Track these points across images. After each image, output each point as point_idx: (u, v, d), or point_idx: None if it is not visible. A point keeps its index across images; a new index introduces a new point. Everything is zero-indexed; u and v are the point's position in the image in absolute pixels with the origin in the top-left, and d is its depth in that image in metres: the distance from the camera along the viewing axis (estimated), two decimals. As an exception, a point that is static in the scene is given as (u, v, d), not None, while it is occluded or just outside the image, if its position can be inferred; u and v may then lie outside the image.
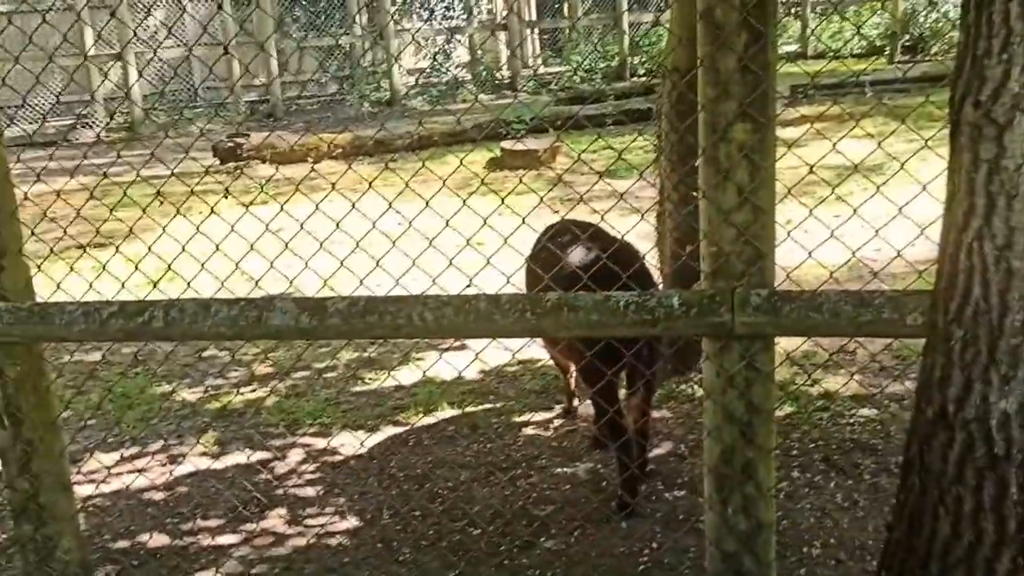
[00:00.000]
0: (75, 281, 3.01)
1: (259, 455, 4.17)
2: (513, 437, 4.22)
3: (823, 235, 2.53)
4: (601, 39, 17.85)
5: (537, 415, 4.42)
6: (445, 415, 4.47)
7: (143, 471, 3.93)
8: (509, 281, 2.58)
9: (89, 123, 14.60)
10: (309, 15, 17.44)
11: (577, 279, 2.62)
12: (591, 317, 2.30)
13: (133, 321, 2.53)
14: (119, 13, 14.17)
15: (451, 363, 4.48)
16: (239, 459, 4.13)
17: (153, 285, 2.84)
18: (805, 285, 2.67)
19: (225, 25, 15.55)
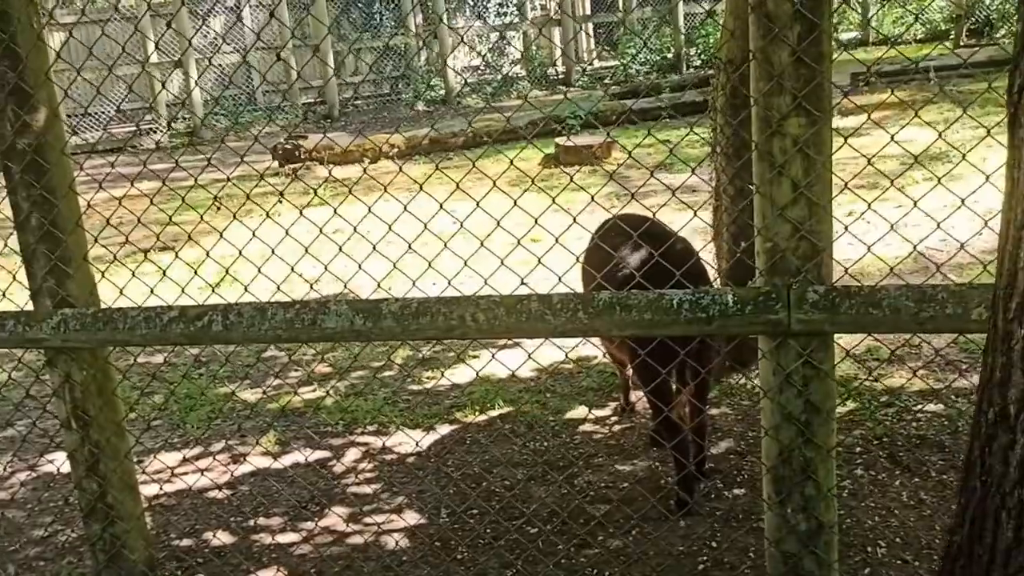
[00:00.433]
0: (137, 286, 3.08)
1: (319, 454, 4.23)
2: (570, 435, 4.21)
3: (885, 228, 2.47)
4: (655, 31, 17.70)
5: (593, 412, 4.40)
6: (501, 413, 4.48)
7: (206, 471, 4.01)
8: (561, 280, 2.57)
9: (152, 129, 14.93)
10: (364, 16, 17.61)
11: (630, 277, 2.60)
12: (644, 316, 2.28)
13: (193, 325, 2.58)
14: (178, 21, 14.46)
15: (505, 362, 4.48)
16: (299, 458, 4.19)
17: (212, 289, 2.88)
18: (867, 279, 2.61)
19: (282, 30, 15.78)
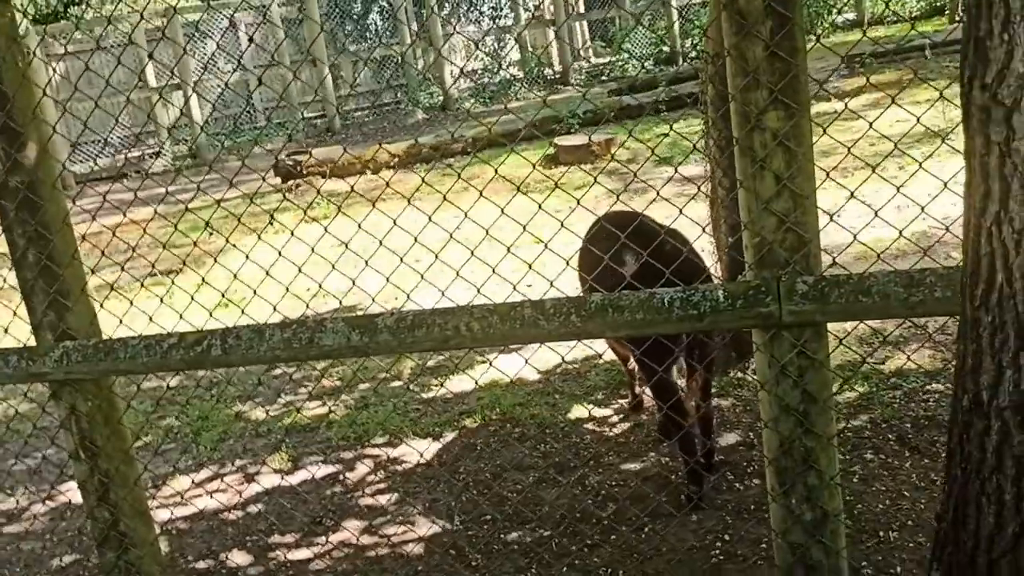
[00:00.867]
0: (137, 316, 3.11)
1: (331, 469, 4.25)
2: (579, 436, 4.22)
3: (884, 210, 2.46)
4: (650, 25, 17.69)
5: (602, 412, 4.42)
6: (511, 417, 4.49)
7: (220, 491, 4.04)
8: (552, 284, 2.58)
9: (155, 153, 15.02)
10: (358, 28, 17.66)
11: (620, 278, 2.61)
12: (636, 316, 2.29)
13: (193, 351, 2.60)
14: (175, 45, 14.54)
15: (513, 366, 4.50)
16: (311, 474, 4.21)
17: (209, 314, 2.91)
18: (878, 264, 2.60)
19: (280, 47, 15.84)
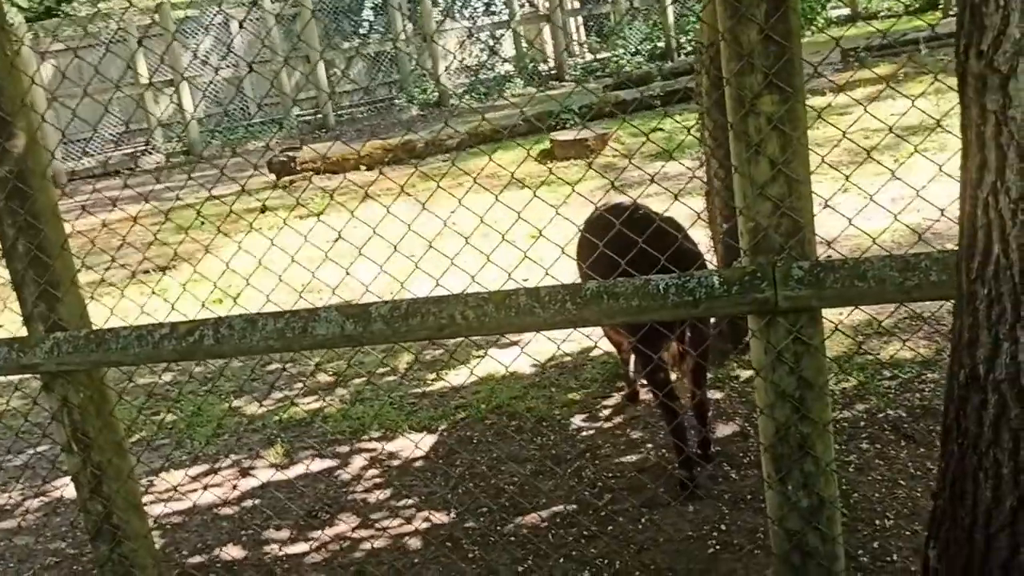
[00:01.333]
0: (129, 310, 3.09)
1: (326, 463, 4.24)
2: (576, 427, 4.21)
3: (886, 200, 2.46)
4: (645, 19, 17.67)
5: (599, 403, 4.41)
6: (508, 410, 4.48)
7: (215, 486, 4.02)
8: (548, 273, 2.57)
9: (147, 150, 14.98)
10: (352, 24, 17.62)
11: (616, 265, 2.60)
12: (632, 303, 2.28)
13: (185, 341, 2.58)
14: (168, 39, 14.50)
15: (509, 358, 4.49)
16: (307, 468, 4.20)
17: (202, 305, 2.89)
18: (874, 252, 2.60)
19: (273, 43, 15.80)
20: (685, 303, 2.25)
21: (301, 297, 2.87)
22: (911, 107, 2.30)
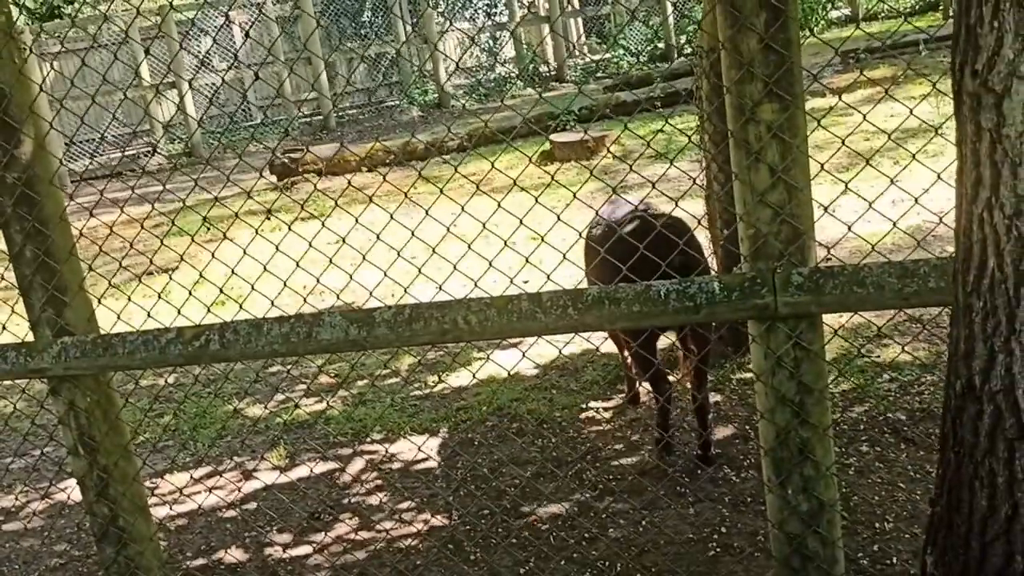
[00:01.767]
0: (134, 313, 3.11)
1: (329, 465, 4.26)
2: (576, 430, 4.23)
3: (886, 201, 2.48)
4: (644, 20, 17.69)
5: (600, 405, 4.43)
6: (509, 413, 4.50)
7: (218, 488, 4.05)
8: (549, 278, 2.59)
9: (149, 152, 15.00)
10: (354, 26, 17.64)
11: (622, 264, 2.63)
12: (633, 308, 2.30)
13: (191, 346, 2.61)
14: (169, 42, 14.53)
15: (510, 361, 4.51)
16: (309, 470, 4.22)
17: (207, 309, 2.92)
18: (874, 258, 2.62)
19: (274, 45, 15.82)
20: (686, 308, 2.28)
21: (305, 301, 2.89)
22: (909, 115, 2.32)
